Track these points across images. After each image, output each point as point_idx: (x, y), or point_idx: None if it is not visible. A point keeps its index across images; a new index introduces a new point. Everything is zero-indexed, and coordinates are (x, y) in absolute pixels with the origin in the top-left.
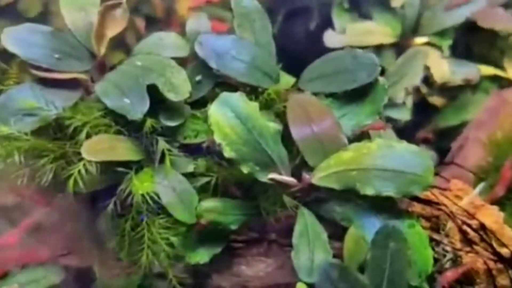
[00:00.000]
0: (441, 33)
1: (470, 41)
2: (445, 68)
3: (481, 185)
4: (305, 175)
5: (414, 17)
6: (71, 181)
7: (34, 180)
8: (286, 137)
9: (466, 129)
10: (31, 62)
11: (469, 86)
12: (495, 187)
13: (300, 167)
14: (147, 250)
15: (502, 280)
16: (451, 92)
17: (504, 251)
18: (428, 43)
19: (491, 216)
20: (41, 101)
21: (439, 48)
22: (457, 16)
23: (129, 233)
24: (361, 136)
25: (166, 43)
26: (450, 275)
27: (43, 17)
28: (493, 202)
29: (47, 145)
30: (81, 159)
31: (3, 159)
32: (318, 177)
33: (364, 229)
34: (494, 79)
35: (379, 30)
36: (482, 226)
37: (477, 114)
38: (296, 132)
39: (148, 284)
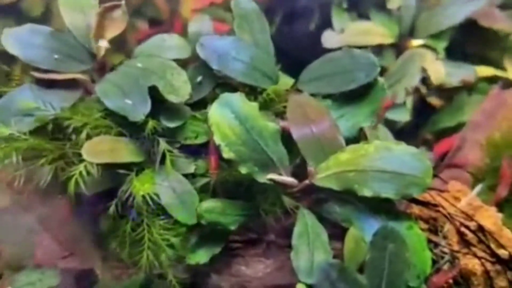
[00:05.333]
0: (437, 35)
1: (470, 41)
2: (440, 70)
3: (479, 187)
4: (310, 169)
5: (410, 19)
6: (72, 183)
7: (34, 181)
8: (285, 138)
9: (463, 130)
10: (31, 63)
11: (466, 88)
12: (498, 188)
13: (299, 167)
14: (148, 251)
15: (500, 282)
16: (449, 93)
17: (502, 253)
18: (424, 45)
19: (490, 218)
20: (39, 101)
21: (434, 50)
22: (453, 18)
23: (130, 234)
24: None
25: (168, 45)
26: (437, 280)
27: (46, 17)
28: (497, 203)
29: (45, 145)
30: (82, 160)
31: (2, 160)
32: (318, 178)
33: (363, 230)
34: (492, 80)
35: (377, 30)
36: (481, 228)
37: (473, 115)
38: (296, 133)
39: (149, 284)
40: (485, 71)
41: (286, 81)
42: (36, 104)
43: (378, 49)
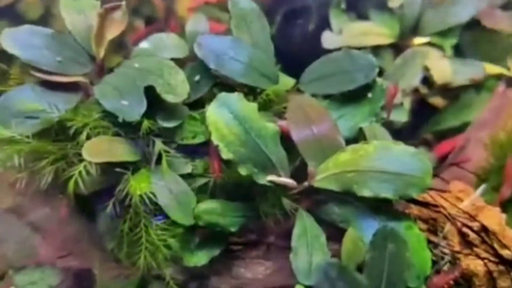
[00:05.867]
0: (444, 33)
1: (473, 40)
2: (446, 69)
3: (482, 187)
4: (311, 171)
5: (413, 17)
6: (71, 182)
7: (34, 181)
8: (284, 139)
9: (468, 129)
10: (32, 64)
11: (473, 86)
12: (502, 188)
13: (299, 169)
14: (145, 251)
15: (503, 282)
16: (453, 92)
17: (506, 253)
18: (428, 43)
19: (493, 218)
20: (44, 104)
21: (440, 48)
22: (461, 15)
23: (128, 234)
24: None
25: (166, 44)
26: (437, 281)
27: (45, 19)
28: (501, 204)
29: (48, 147)
30: (82, 160)
31: (3, 162)
32: (317, 179)
33: (362, 230)
34: (499, 77)
35: (376, 30)
36: (484, 228)
37: (480, 114)
38: (296, 134)
39: (147, 285)
40: (492, 69)
41: (287, 81)
42: (42, 106)
43: (377, 50)
